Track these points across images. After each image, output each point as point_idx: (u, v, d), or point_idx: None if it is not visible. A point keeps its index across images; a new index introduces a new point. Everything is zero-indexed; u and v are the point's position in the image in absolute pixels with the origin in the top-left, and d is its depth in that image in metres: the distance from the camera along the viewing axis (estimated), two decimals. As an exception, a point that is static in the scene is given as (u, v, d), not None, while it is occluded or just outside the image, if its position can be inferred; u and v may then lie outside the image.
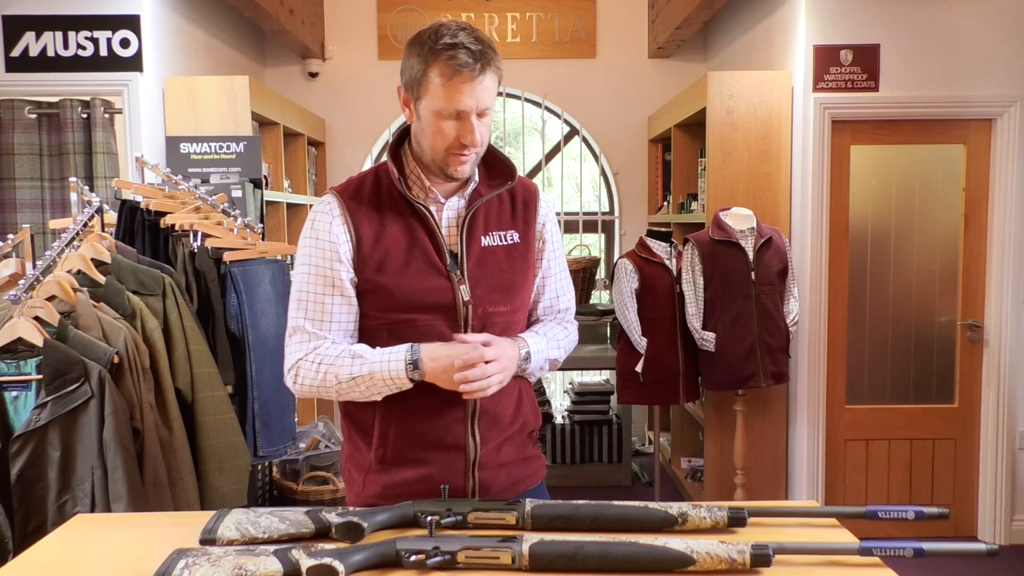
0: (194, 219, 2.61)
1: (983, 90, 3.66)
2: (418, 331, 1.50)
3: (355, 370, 1.46)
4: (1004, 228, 3.72)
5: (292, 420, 2.86)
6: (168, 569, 1.13)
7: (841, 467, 3.85)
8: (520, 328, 1.62)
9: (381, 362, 1.46)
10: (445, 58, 1.42)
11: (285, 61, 5.31)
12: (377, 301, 1.52)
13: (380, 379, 1.45)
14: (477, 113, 1.47)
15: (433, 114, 1.46)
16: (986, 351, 3.81)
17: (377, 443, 1.55)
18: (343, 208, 1.53)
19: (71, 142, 3.43)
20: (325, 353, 1.50)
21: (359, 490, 1.60)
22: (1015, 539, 3.81)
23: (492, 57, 1.47)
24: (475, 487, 1.56)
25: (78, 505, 1.92)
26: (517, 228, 1.60)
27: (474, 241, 1.55)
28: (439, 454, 1.53)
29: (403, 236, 1.52)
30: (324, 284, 1.52)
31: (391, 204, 1.54)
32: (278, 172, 4.32)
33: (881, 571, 1.20)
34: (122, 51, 3.50)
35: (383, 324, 1.53)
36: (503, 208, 1.60)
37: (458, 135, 1.46)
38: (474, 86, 1.44)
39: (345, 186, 1.59)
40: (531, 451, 1.68)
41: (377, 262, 1.51)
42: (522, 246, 1.60)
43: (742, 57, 4.58)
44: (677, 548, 1.19)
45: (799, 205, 3.77)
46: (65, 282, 2.08)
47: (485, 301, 1.53)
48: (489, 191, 1.57)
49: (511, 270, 1.57)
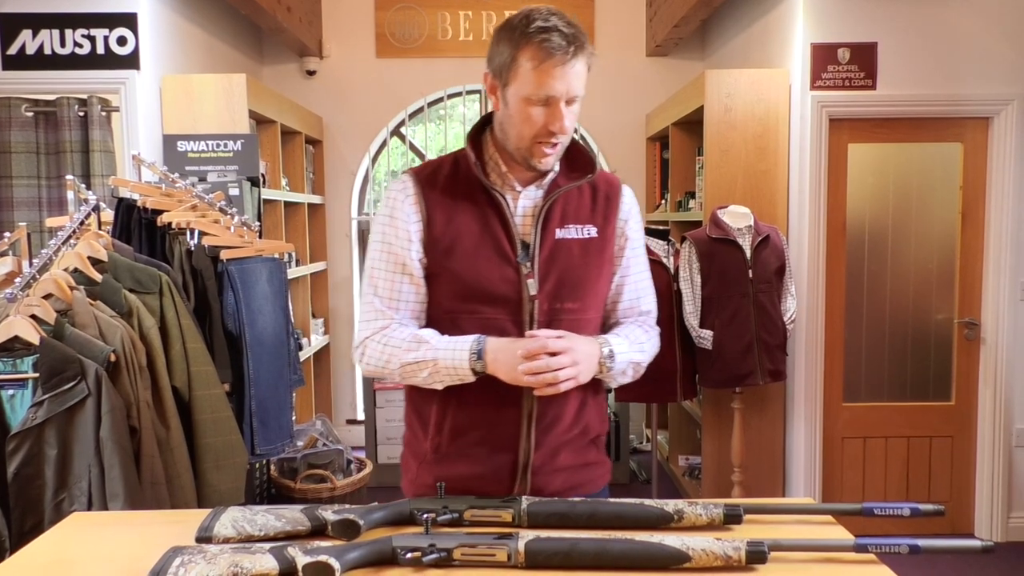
0: (191, 217, 2.61)
1: (980, 89, 3.67)
2: (481, 324, 1.47)
3: (420, 355, 1.45)
4: (1001, 226, 3.72)
5: (289, 418, 2.86)
6: (164, 567, 1.13)
7: (838, 465, 3.86)
8: (592, 329, 1.55)
9: (446, 350, 1.44)
10: (537, 42, 1.38)
11: (283, 59, 5.30)
12: (443, 287, 1.51)
13: (443, 367, 1.43)
14: (566, 100, 1.42)
15: (522, 100, 1.42)
16: (983, 349, 3.81)
17: (433, 432, 1.54)
18: (417, 188, 1.51)
19: (68, 140, 3.42)
20: (392, 335, 1.49)
21: (412, 478, 1.61)
22: (1012, 536, 3.82)
23: (584, 42, 1.41)
24: (526, 490, 1.52)
25: (75, 503, 1.92)
26: (596, 222, 1.54)
27: (548, 232, 1.50)
28: (491, 452, 1.51)
29: (475, 222, 1.49)
30: (394, 262, 1.51)
31: (466, 190, 1.51)
32: (276, 170, 4.32)
33: (877, 568, 1.20)
34: (119, 49, 3.50)
35: (447, 313, 1.50)
36: (583, 201, 1.54)
37: (546, 122, 1.42)
38: (565, 70, 1.39)
39: (422, 168, 1.57)
40: (593, 456, 1.62)
41: (446, 245, 1.49)
42: (599, 241, 1.54)
43: (740, 55, 4.58)
44: (673, 545, 1.19)
45: (796, 203, 3.78)
46: (62, 280, 2.08)
47: (553, 296, 1.48)
48: (568, 182, 1.52)
49: (585, 265, 1.52)
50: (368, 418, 4.66)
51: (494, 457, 1.51)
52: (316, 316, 5.19)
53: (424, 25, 5.29)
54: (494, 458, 1.51)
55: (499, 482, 1.50)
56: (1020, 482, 3.84)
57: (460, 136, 5.64)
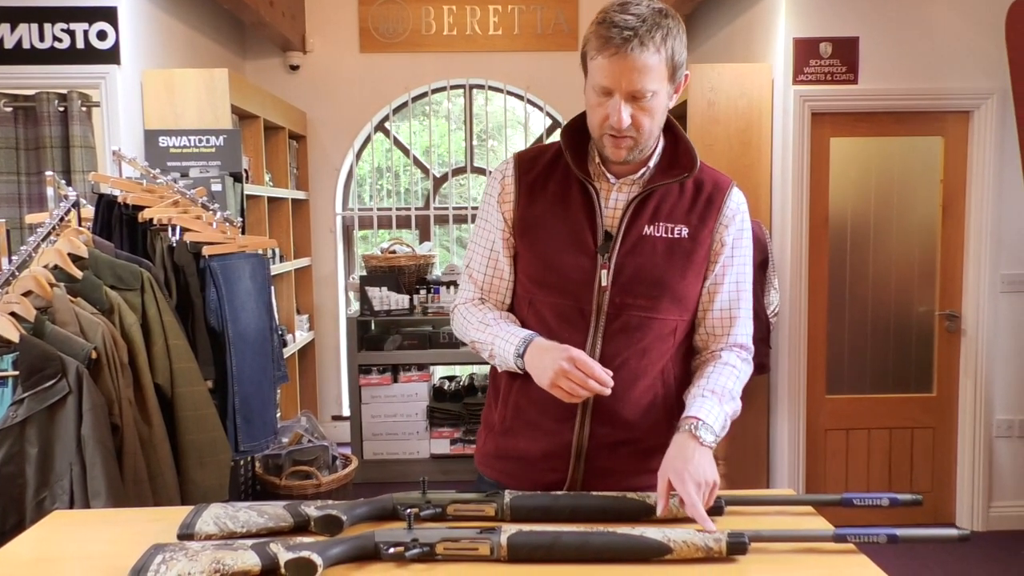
0: (172, 213, 2.59)
1: (961, 82, 3.70)
2: (553, 308, 1.50)
3: (483, 336, 1.52)
4: (981, 219, 3.76)
5: (274, 415, 2.85)
6: (145, 564, 1.12)
7: (821, 456, 3.89)
8: (665, 331, 1.49)
9: (501, 339, 1.48)
10: (597, 31, 1.36)
11: (265, 54, 5.27)
12: (524, 267, 1.54)
13: (498, 354, 1.49)
14: (631, 94, 1.36)
15: (590, 90, 1.41)
16: (963, 340, 3.85)
17: (501, 405, 1.58)
18: (516, 169, 1.55)
19: (48, 136, 3.39)
20: (470, 311, 1.57)
21: (481, 445, 1.66)
22: (992, 526, 3.87)
23: (648, 33, 1.33)
24: (580, 479, 1.51)
25: (57, 502, 1.90)
26: (689, 223, 1.48)
27: (635, 227, 1.46)
28: (546, 433, 1.52)
29: (563, 208, 1.50)
30: (485, 240, 1.58)
31: (562, 176, 1.52)
32: (259, 166, 4.29)
33: (856, 557, 1.22)
34: (99, 43, 3.46)
35: (526, 293, 1.54)
36: (682, 200, 1.49)
37: (607, 114, 1.38)
38: (620, 62, 1.33)
39: (527, 151, 1.60)
40: (657, 464, 1.44)
41: (532, 227, 1.52)
42: (688, 243, 1.47)
43: (723, 50, 4.59)
44: (654, 537, 1.20)
45: (779, 197, 3.80)
46: (42, 277, 2.06)
47: (625, 291, 1.45)
48: (665, 179, 1.48)
49: (668, 265, 1.46)
50: (354, 414, 4.66)
51: (548, 437, 1.52)
52: (301, 312, 5.17)
53: (408, 19, 5.27)
54: (549, 437, 1.52)
55: (551, 462, 1.52)
56: (1000, 472, 3.88)
57: (445, 132, 5.63)
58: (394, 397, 4.65)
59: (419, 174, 5.61)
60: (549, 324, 1.49)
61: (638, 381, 1.48)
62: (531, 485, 1.48)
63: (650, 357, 1.49)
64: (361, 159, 5.55)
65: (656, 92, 1.38)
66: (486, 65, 5.33)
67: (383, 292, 4.58)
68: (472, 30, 5.30)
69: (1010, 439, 3.86)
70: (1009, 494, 3.89)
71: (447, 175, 5.56)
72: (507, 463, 1.56)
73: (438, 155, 5.65)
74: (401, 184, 5.67)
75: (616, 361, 1.46)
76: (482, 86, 5.46)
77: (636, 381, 1.48)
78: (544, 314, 1.50)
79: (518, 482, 1.51)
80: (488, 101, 5.57)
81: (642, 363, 1.48)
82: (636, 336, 1.47)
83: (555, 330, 1.48)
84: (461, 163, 5.60)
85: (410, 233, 5.53)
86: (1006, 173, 3.71)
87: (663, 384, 1.51)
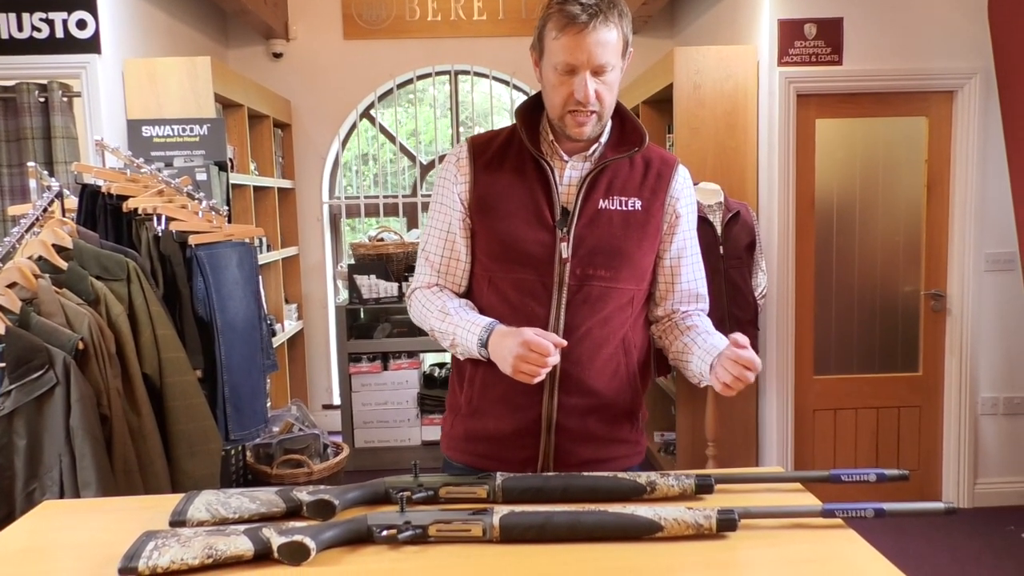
0: (157, 203, 2.57)
1: (944, 63, 3.71)
2: (514, 284, 1.53)
3: (443, 326, 1.55)
4: (966, 199, 3.78)
5: (264, 404, 2.84)
6: (137, 551, 1.12)
7: (810, 437, 3.92)
8: (624, 300, 1.56)
9: (462, 328, 1.51)
10: (557, 11, 1.43)
11: (248, 42, 5.22)
12: (482, 245, 1.57)
13: (460, 343, 1.52)
14: (592, 70, 1.43)
15: (551, 70, 1.46)
16: (949, 320, 3.88)
17: (467, 387, 1.60)
18: (469, 152, 1.59)
19: (29, 127, 3.35)
20: (430, 298, 1.60)
21: (447, 430, 1.68)
22: (978, 502, 3.92)
23: (608, 11, 1.42)
24: (551, 452, 1.55)
25: (46, 493, 1.90)
26: (642, 196, 1.56)
27: (590, 201, 1.53)
28: (515, 409, 1.55)
29: (519, 186, 1.55)
30: (441, 223, 1.61)
31: (516, 157, 1.57)
32: (244, 155, 4.26)
33: (843, 532, 1.23)
34: (79, 33, 3.42)
35: (485, 271, 1.58)
36: (632, 174, 1.57)
37: (572, 91, 1.44)
38: (585, 39, 1.40)
39: (480, 134, 1.65)
40: (627, 433, 1.63)
41: (489, 206, 1.55)
42: (643, 215, 1.55)
43: (709, 32, 4.59)
44: (645, 516, 1.21)
45: (766, 179, 3.81)
46: (26, 268, 2.05)
47: (586, 262, 1.51)
48: (616, 155, 1.55)
49: (624, 237, 1.53)
50: (344, 403, 4.66)
51: (518, 413, 1.55)
52: (289, 301, 5.16)
53: (391, 5, 5.24)
54: (518, 414, 1.55)
55: (522, 439, 1.55)
56: (985, 449, 3.93)
57: (430, 118, 5.61)
58: (384, 385, 4.65)
59: (406, 161, 5.59)
60: (511, 300, 1.54)
61: (601, 349, 1.55)
62: (502, 465, 1.50)
63: (611, 326, 1.55)
64: (347, 147, 5.52)
65: (615, 66, 1.46)
66: (471, 51, 5.30)
67: (371, 280, 4.57)
68: (457, 15, 5.27)
69: (995, 417, 3.91)
70: (994, 471, 3.94)
71: (434, 162, 5.54)
72: (477, 444, 1.59)
73: (424, 142, 5.63)
74: (387, 172, 5.65)
75: (580, 331, 1.52)
76: (468, 72, 5.44)
77: (599, 349, 1.55)
78: (505, 290, 1.54)
79: (489, 463, 1.54)
80: (474, 87, 5.55)
81: (604, 332, 1.54)
82: (598, 306, 1.53)
83: (518, 305, 1.53)
84: (448, 150, 5.57)
85: (398, 221, 5.52)
86: (990, 152, 3.73)
87: (624, 352, 1.58)
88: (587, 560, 1.15)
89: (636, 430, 1.66)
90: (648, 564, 1.14)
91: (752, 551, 1.18)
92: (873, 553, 1.16)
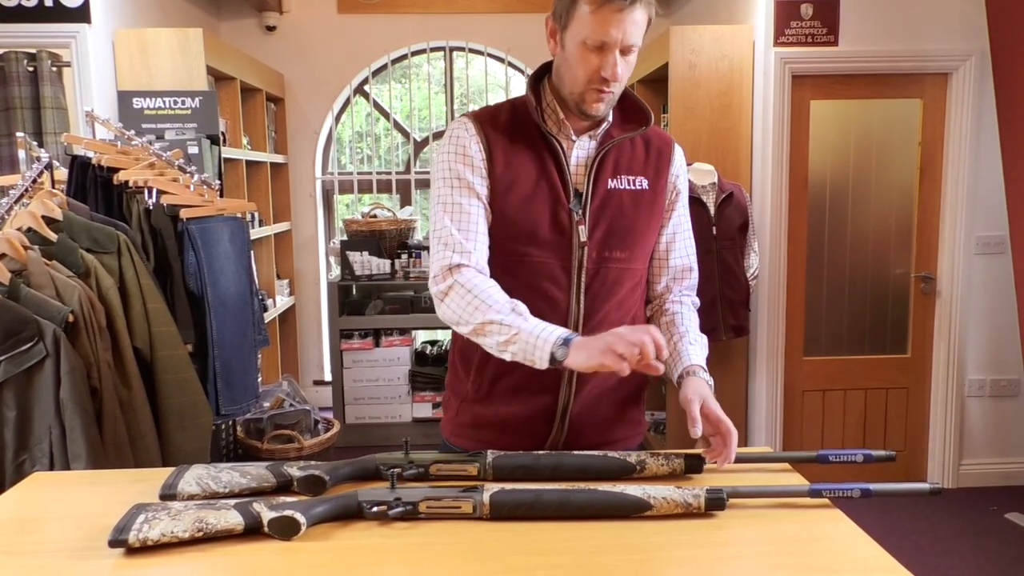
0: (149, 175, 2.55)
1: (940, 44, 3.70)
2: (531, 267, 1.48)
3: (511, 320, 1.36)
4: (958, 182, 3.79)
5: (255, 379, 2.84)
6: (127, 523, 1.12)
7: (798, 417, 3.95)
8: (637, 279, 1.56)
9: (535, 327, 1.35)
10: None
11: (241, 14, 5.16)
12: (498, 227, 1.50)
13: (525, 340, 1.34)
14: (621, 48, 1.41)
15: (578, 44, 1.42)
16: (938, 302, 3.90)
17: (475, 375, 1.56)
18: (479, 129, 1.51)
19: (17, 96, 3.31)
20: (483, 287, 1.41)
21: (451, 416, 1.64)
22: (963, 483, 3.96)
23: None
24: (563, 435, 1.54)
25: (36, 465, 1.90)
26: (647, 175, 1.55)
27: (600, 182, 1.50)
28: (531, 395, 1.52)
29: (533, 166, 1.50)
30: (466, 189, 1.48)
31: (524, 134, 1.51)
32: (236, 129, 4.23)
33: (830, 511, 1.24)
34: (68, 1, 3.37)
35: (501, 254, 1.49)
36: (635, 153, 1.55)
37: (599, 67, 1.41)
38: (622, 17, 1.38)
39: (480, 111, 1.56)
40: (632, 414, 1.64)
41: (506, 185, 1.49)
42: (650, 193, 1.54)
43: (705, 12, 4.55)
44: (634, 494, 1.22)
45: (760, 160, 3.80)
46: (15, 240, 2.03)
47: (602, 245, 1.49)
48: (621, 134, 1.53)
49: (635, 216, 1.52)
50: (335, 379, 4.66)
51: (533, 399, 1.52)
52: (281, 277, 5.14)
53: (386, -21, 5.17)
54: (533, 400, 1.52)
55: (535, 425, 1.53)
56: (971, 431, 3.97)
57: (425, 95, 5.57)
58: (376, 362, 4.65)
59: (400, 138, 5.55)
60: (534, 284, 1.48)
61: None
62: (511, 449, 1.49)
63: (625, 308, 1.54)
64: (341, 122, 5.48)
65: (638, 47, 1.44)
66: (467, 27, 5.25)
67: (364, 257, 4.56)
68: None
69: (981, 398, 3.94)
70: (979, 452, 3.98)
71: (428, 139, 5.51)
72: (485, 431, 1.55)
73: (419, 119, 5.59)
74: (381, 148, 5.62)
75: (598, 315, 1.49)
76: (463, 48, 5.39)
77: None
78: (526, 275, 1.48)
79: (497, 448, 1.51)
80: (469, 64, 5.50)
81: (619, 314, 1.52)
82: (615, 289, 1.51)
83: (540, 290, 1.47)
84: (442, 127, 5.54)
85: (391, 198, 5.49)
86: (983, 135, 3.73)
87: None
88: (576, 538, 1.16)
89: (640, 410, 1.67)
90: (637, 542, 1.15)
91: (740, 530, 1.19)
92: (859, 532, 1.17)
